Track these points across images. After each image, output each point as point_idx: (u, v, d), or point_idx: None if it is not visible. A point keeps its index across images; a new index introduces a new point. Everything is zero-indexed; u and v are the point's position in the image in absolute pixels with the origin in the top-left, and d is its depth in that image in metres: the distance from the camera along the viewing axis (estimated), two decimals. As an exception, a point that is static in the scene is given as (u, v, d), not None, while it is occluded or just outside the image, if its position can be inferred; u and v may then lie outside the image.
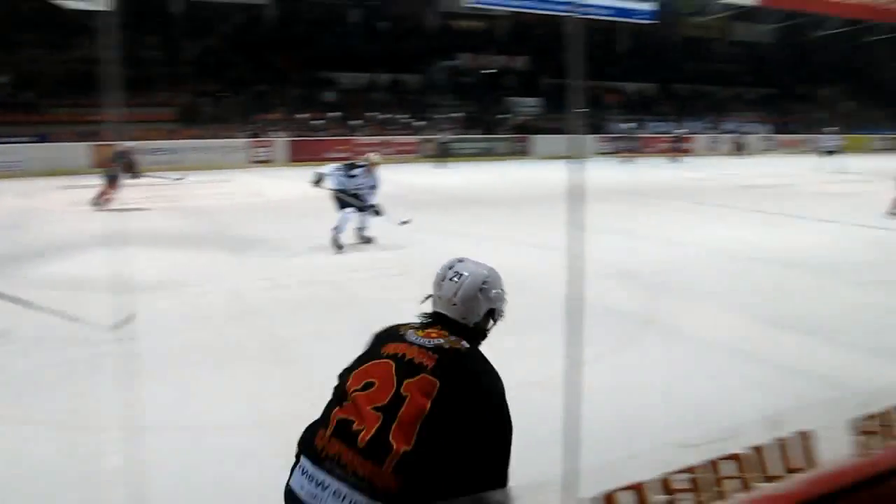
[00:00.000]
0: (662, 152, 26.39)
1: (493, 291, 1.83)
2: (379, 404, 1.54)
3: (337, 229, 8.01)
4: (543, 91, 29.12)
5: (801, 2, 28.50)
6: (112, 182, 11.51)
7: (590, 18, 25.75)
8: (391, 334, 1.75)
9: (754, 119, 32.26)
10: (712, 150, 28.38)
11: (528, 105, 28.93)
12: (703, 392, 3.96)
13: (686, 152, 26.25)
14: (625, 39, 32.91)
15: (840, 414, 1.49)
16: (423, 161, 22.39)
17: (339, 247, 7.96)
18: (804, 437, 1.34)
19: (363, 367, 1.67)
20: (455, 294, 1.77)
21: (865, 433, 1.41)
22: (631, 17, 29.79)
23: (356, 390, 1.60)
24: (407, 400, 1.53)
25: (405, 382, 1.56)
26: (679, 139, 26.33)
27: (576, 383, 1.40)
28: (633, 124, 28.75)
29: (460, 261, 1.86)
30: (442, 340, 1.67)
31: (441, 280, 1.81)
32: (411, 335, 1.70)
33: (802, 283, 6.79)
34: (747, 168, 21.69)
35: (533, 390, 3.16)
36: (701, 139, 28.88)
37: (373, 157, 8.63)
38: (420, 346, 1.65)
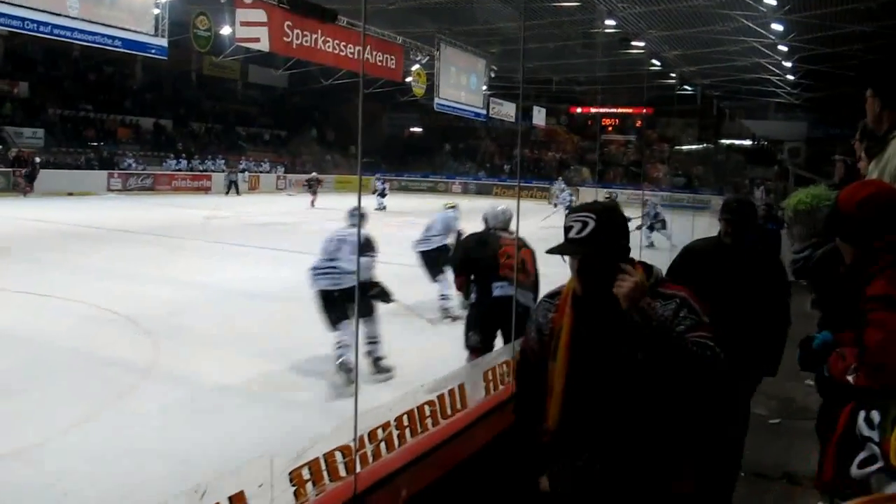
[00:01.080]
0: (178, 189, 34.98)
1: None
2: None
3: None
4: (48, 121, 34.93)
5: (307, 52, 40.08)
6: None
7: (100, 48, 32.61)
8: None
9: (269, 158, 43.66)
10: (227, 188, 38.11)
11: (29, 136, 33.83)
12: (201, 441, 5.06)
13: (206, 190, 35.21)
14: (140, 74, 41.07)
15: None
16: None
17: None
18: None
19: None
20: None
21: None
22: (143, 51, 37.80)
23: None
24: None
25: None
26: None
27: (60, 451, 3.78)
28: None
29: None
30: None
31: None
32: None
33: (305, 317, 7.79)
34: (260, 206, 28.61)
35: (12, 463, 4.48)
36: (217, 177, 38.47)
37: None
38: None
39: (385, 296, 6.85)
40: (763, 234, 11.91)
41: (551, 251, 2.24)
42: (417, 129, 55.55)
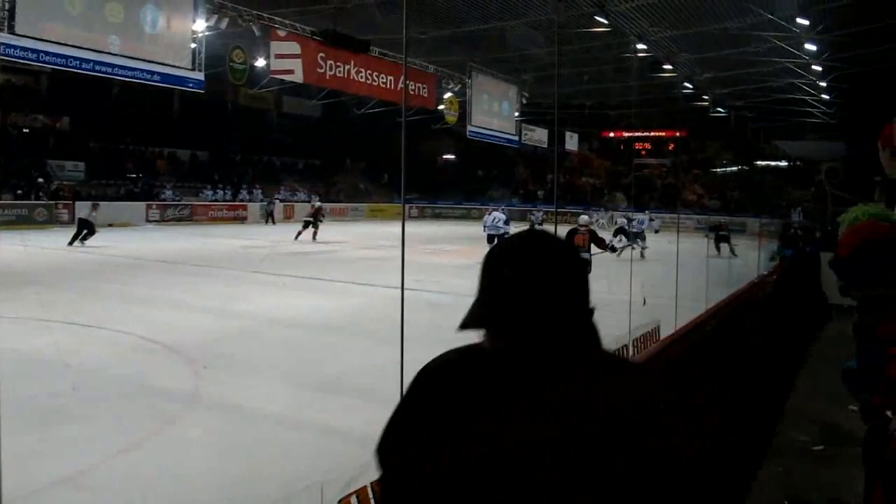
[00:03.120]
0: (215, 220, 35.53)
1: None
2: None
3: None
4: (89, 154, 35.80)
5: (341, 83, 40.59)
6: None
7: (139, 83, 33.53)
8: None
9: (304, 188, 44.15)
10: (265, 218, 38.63)
11: (71, 168, 34.97)
12: (247, 468, 5.13)
13: (243, 220, 35.81)
14: (178, 106, 41.93)
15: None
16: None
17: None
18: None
19: None
20: None
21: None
22: (180, 85, 38.76)
23: None
24: None
25: None
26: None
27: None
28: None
29: None
30: None
31: None
32: None
33: (346, 345, 8.95)
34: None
35: (64, 490, 4.53)
36: (253, 207, 39.00)
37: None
38: None
39: None
40: (801, 256, 11.80)
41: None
42: (450, 157, 55.80)
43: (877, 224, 2.45)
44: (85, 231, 21.98)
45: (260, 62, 25.94)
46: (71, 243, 21.29)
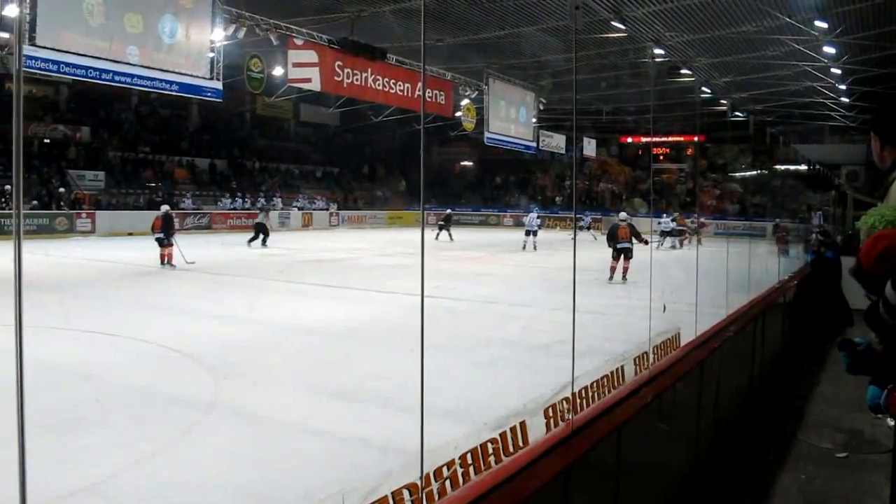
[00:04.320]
0: (234, 228, 35.74)
1: None
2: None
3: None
4: (108, 164, 36.18)
5: (358, 91, 40.75)
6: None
7: (157, 93, 33.89)
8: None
9: (322, 196, 44.32)
10: (283, 226, 38.82)
11: (91, 178, 35.31)
12: (267, 476, 5.13)
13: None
14: (196, 115, 42.26)
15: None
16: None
17: None
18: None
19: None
20: None
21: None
22: (198, 94, 39.12)
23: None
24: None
25: None
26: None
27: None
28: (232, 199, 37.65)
29: None
30: None
31: None
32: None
33: (362, 351, 9.12)
34: (316, 242, 29.26)
35: (85, 498, 4.50)
36: (272, 215, 39.18)
37: None
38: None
39: None
40: (822, 260, 11.68)
41: None
42: (468, 163, 55.83)
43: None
44: (262, 234, 25.99)
45: (277, 71, 26.05)
46: (250, 243, 25.57)
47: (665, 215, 38.74)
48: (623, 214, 17.86)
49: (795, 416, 7.04)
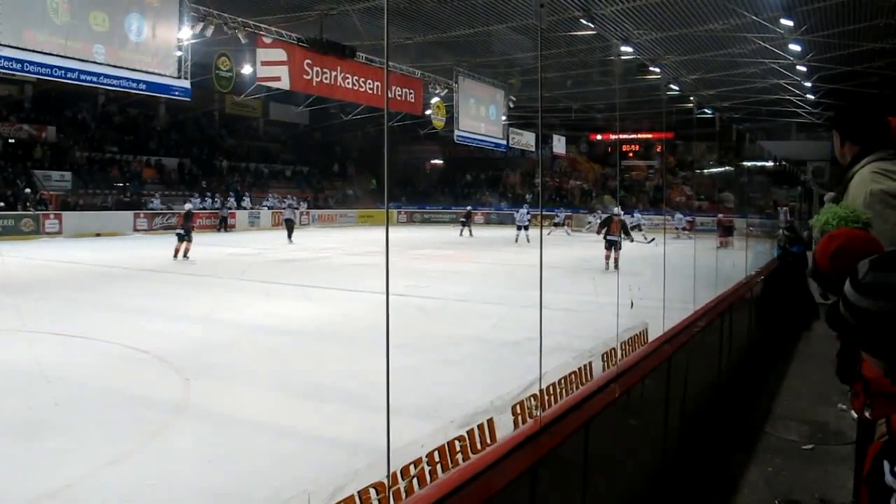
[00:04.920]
0: (203, 228, 35.40)
1: None
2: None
3: None
4: (75, 164, 35.65)
5: (327, 89, 40.64)
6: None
7: (125, 92, 33.49)
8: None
9: (293, 195, 44.07)
10: (252, 226, 38.53)
11: (57, 179, 34.72)
12: (236, 477, 5.16)
13: (231, 227, 35.84)
14: (164, 115, 41.81)
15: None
16: None
17: None
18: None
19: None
20: None
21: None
22: (166, 93, 38.76)
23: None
24: None
25: None
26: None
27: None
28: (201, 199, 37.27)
29: None
30: None
31: None
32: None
33: (332, 351, 9.08)
34: (286, 242, 28.52)
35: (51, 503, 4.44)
36: (242, 214, 38.89)
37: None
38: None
39: None
40: (788, 255, 11.85)
41: None
42: (438, 162, 55.84)
43: (852, 236, 2.43)
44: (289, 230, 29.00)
45: (246, 69, 25.88)
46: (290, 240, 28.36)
47: (635, 212, 39.69)
48: (617, 209, 20.62)
49: (763, 410, 7.11)
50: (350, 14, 23.97)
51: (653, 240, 24.98)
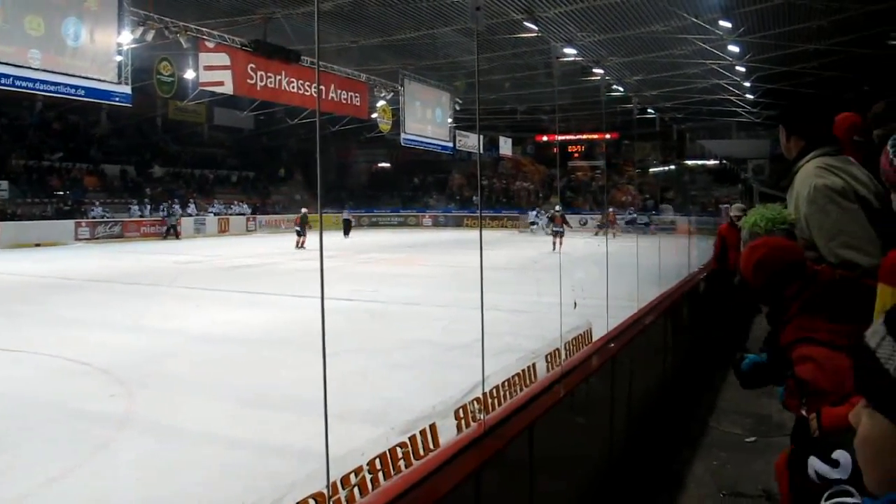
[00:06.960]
0: (147, 236, 34.77)
1: None
2: None
3: None
4: (12, 173, 34.66)
5: (272, 94, 40.13)
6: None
7: (63, 98, 32.68)
8: None
9: (238, 200, 43.54)
10: (198, 232, 37.94)
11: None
12: (182, 490, 5.00)
13: (177, 235, 35.21)
14: (105, 121, 40.93)
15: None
16: None
17: None
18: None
19: None
20: None
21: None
22: (106, 99, 37.94)
23: None
24: None
25: None
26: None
27: None
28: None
29: None
30: None
31: None
32: None
33: (280, 358, 8.95)
34: (232, 248, 28.40)
35: None
36: (187, 221, 38.27)
37: None
38: None
39: None
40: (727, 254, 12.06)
41: None
42: (385, 165, 55.72)
43: (771, 245, 2.47)
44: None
45: (189, 74, 25.47)
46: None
47: (535, 210, 40.95)
48: (558, 206, 27.97)
49: (707, 405, 7.23)
50: (293, 17, 23.79)
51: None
